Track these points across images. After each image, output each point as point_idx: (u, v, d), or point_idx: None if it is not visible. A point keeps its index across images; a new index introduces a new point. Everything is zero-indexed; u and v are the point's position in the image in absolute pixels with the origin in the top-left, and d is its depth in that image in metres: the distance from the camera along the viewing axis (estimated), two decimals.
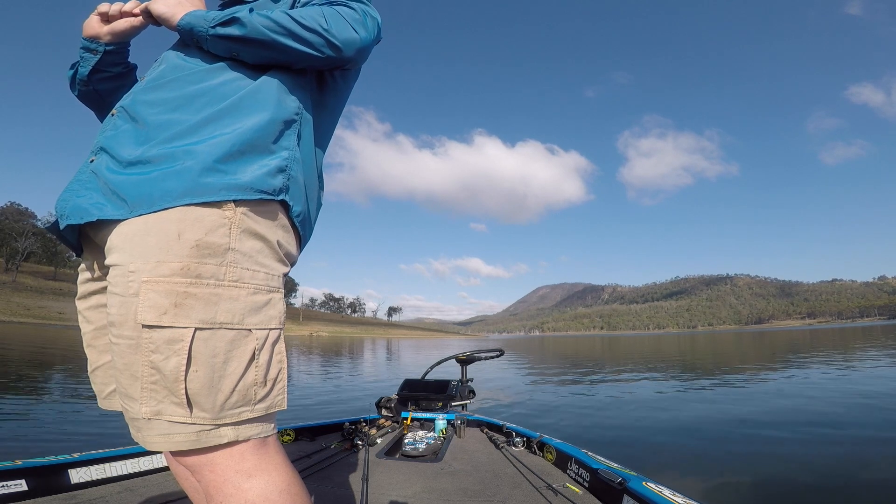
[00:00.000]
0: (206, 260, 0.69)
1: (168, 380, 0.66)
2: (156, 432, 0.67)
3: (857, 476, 3.28)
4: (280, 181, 0.79)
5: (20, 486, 1.54)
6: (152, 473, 1.89)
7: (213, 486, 0.69)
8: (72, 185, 0.78)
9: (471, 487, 1.76)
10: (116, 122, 0.81)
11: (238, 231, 0.72)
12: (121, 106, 0.83)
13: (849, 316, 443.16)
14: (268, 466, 0.71)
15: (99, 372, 0.91)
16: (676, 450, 4.17)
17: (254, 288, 0.73)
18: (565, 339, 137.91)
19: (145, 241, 0.68)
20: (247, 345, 0.71)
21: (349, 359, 20.52)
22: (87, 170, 0.78)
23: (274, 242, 0.77)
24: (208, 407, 0.67)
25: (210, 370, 0.67)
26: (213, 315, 0.68)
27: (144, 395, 0.67)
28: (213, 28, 0.81)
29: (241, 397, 0.70)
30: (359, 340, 75.35)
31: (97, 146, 0.80)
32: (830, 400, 6.46)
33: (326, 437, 2.49)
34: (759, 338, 48.57)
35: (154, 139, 0.75)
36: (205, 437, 0.68)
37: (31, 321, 57.48)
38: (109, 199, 0.72)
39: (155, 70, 0.88)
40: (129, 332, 0.67)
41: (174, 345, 0.66)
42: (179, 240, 0.68)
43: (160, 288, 0.66)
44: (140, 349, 0.66)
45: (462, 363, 3.16)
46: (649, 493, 1.40)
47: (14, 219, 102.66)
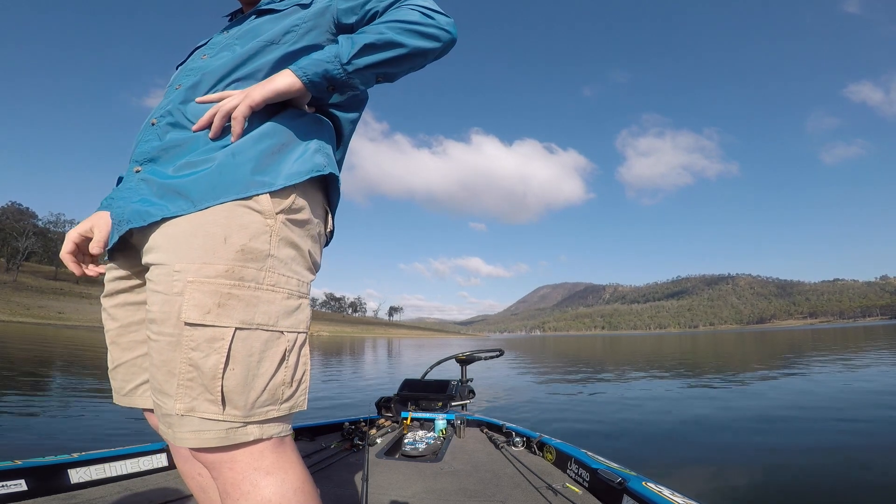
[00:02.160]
0: (248, 264, 0.72)
1: (206, 377, 0.68)
2: (187, 429, 0.69)
3: (858, 476, 3.27)
4: (322, 158, 0.84)
5: (20, 486, 1.55)
6: (152, 473, 1.89)
7: (231, 484, 0.70)
8: (122, 194, 0.81)
9: (471, 487, 1.76)
10: (160, 132, 0.82)
11: (277, 239, 0.75)
12: (163, 114, 0.83)
13: (851, 316, 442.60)
14: (284, 465, 0.73)
15: (121, 369, 0.92)
16: (676, 450, 4.17)
17: (287, 293, 0.76)
18: (566, 338, 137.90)
19: (191, 242, 0.70)
20: (279, 346, 0.73)
21: (350, 359, 20.53)
22: (134, 178, 0.80)
23: (306, 252, 0.81)
24: (241, 404, 0.69)
25: (246, 369, 0.70)
26: (252, 316, 0.71)
27: (180, 391, 0.68)
28: (350, 62, 0.80)
29: (270, 396, 0.72)
30: (359, 340, 75.42)
31: (141, 157, 0.81)
32: (832, 399, 6.45)
33: (326, 437, 2.49)
34: (760, 337, 48.51)
35: (201, 145, 0.78)
36: (234, 434, 0.69)
37: (30, 321, 57.55)
38: (169, 199, 0.74)
39: (191, 78, 0.88)
40: (171, 329, 0.69)
41: (215, 343, 0.68)
42: (225, 244, 0.71)
43: (205, 288, 0.69)
44: (180, 346, 0.68)
45: (462, 363, 3.16)
46: (649, 493, 1.40)
47: (15, 218, 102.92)
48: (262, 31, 0.87)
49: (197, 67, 0.88)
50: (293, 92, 0.80)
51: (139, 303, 0.90)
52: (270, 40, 0.86)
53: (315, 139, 0.85)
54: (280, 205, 0.75)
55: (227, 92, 0.81)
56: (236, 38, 0.89)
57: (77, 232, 0.91)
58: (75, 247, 0.91)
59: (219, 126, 0.77)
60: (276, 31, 0.86)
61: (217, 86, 0.84)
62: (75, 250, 0.91)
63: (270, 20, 0.88)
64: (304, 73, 0.79)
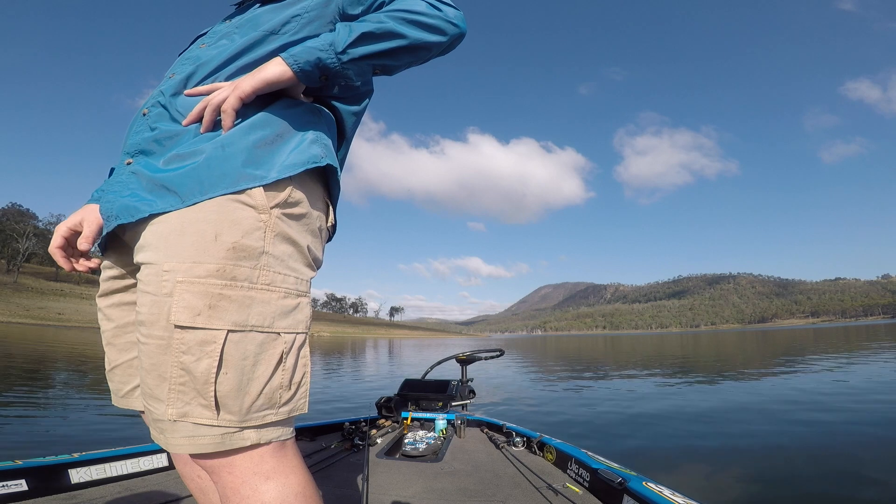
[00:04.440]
0: (241, 262, 0.68)
1: (198, 382, 0.65)
2: (180, 434, 0.67)
3: (859, 476, 3.26)
4: (319, 149, 0.80)
5: (20, 486, 1.55)
6: (152, 473, 1.89)
7: (231, 488, 0.69)
8: (112, 188, 0.77)
9: (471, 487, 1.76)
10: (151, 122, 0.79)
11: (272, 235, 0.72)
12: (154, 105, 0.80)
13: (852, 314, 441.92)
14: (285, 469, 0.71)
15: (118, 370, 0.90)
16: (677, 450, 4.16)
17: (284, 292, 0.72)
18: (568, 338, 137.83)
19: (181, 240, 0.67)
20: (275, 348, 0.70)
21: (351, 359, 20.54)
22: (125, 171, 0.78)
23: (304, 247, 0.77)
24: (235, 409, 0.67)
25: (240, 373, 0.67)
26: (246, 318, 0.68)
27: (172, 396, 0.66)
28: (345, 52, 0.76)
29: (267, 400, 0.69)
30: (361, 341, 75.45)
31: (133, 148, 0.79)
32: (833, 398, 6.43)
33: (326, 437, 2.49)
34: (761, 337, 48.45)
35: (192, 136, 0.75)
36: (229, 439, 0.67)
37: (29, 322, 57.54)
38: (158, 195, 0.71)
39: (186, 68, 0.85)
40: (160, 332, 0.66)
41: (206, 346, 0.65)
42: (216, 241, 0.68)
43: (195, 289, 0.66)
44: (170, 350, 0.66)
45: (462, 363, 3.16)
46: (649, 493, 1.40)
47: (15, 219, 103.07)
48: (264, 21, 0.84)
49: (193, 57, 0.85)
50: (284, 81, 0.76)
51: (134, 303, 0.87)
52: (271, 30, 0.82)
53: (312, 129, 0.82)
54: (275, 198, 0.72)
55: (216, 84, 0.78)
56: (237, 26, 0.86)
57: (66, 226, 0.87)
58: (64, 241, 0.87)
59: (209, 120, 0.74)
60: (277, 21, 0.83)
61: (211, 77, 0.80)
62: (64, 244, 0.87)
63: (273, 9, 0.85)
64: (294, 60, 0.75)
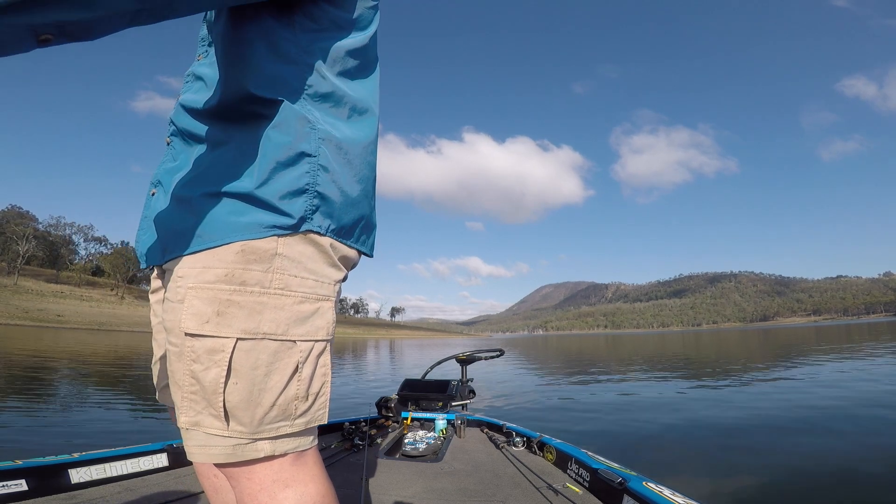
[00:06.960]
0: (251, 266, 0.65)
1: (207, 391, 0.64)
2: (193, 442, 0.66)
3: (859, 475, 3.26)
4: (302, 203, 0.68)
5: (20, 486, 1.55)
6: (152, 473, 1.89)
7: (249, 495, 0.68)
8: (143, 224, 0.80)
9: (471, 487, 1.76)
10: (172, 153, 0.78)
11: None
12: (174, 132, 0.78)
13: (854, 313, 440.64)
14: (304, 478, 0.70)
15: (157, 365, 0.90)
16: (677, 450, 4.16)
17: (301, 296, 0.68)
18: (569, 337, 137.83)
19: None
20: (290, 357, 0.67)
21: (351, 359, 20.55)
22: (149, 204, 0.80)
23: (327, 245, 0.71)
24: (246, 421, 0.64)
25: (250, 383, 0.64)
26: (257, 325, 0.64)
27: (184, 404, 0.65)
28: None
29: (281, 412, 0.66)
30: (362, 341, 75.49)
31: (156, 178, 0.79)
32: (834, 398, 6.42)
33: (326, 437, 2.49)
34: (763, 335, 48.39)
35: (196, 178, 0.70)
36: (241, 450, 0.65)
37: (28, 324, 57.60)
38: (172, 239, 0.70)
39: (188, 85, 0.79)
40: (176, 339, 0.66)
41: (214, 355, 0.63)
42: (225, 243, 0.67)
43: (204, 295, 0.64)
44: (182, 358, 0.65)
45: (462, 363, 3.16)
46: (649, 493, 1.39)
47: (15, 222, 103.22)
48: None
49: (190, 72, 0.80)
50: None
51: None
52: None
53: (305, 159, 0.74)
54: None
55: None
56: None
57: None
58: None
59: None
60: None
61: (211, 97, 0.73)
62: None
63: None
64: None
